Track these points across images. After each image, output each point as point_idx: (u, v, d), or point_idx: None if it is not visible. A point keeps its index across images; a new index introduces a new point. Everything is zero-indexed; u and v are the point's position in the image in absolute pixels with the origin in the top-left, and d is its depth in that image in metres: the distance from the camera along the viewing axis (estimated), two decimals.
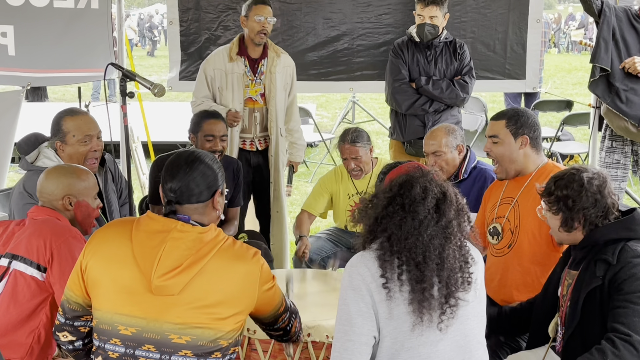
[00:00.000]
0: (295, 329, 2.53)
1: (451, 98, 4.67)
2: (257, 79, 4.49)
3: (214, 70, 4.47)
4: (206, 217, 2.29)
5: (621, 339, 2.32)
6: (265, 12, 4.38)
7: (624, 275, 2.41)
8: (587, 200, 2.54)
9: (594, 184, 2.55)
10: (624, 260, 2.44)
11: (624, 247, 2.47)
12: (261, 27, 4.36)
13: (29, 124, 5.21)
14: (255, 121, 4.54)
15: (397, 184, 2.21)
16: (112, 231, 2.28)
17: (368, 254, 2.17)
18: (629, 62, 4.38)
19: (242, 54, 4.47)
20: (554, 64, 19.24)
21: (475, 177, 3.93)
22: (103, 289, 2.19)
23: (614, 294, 2.42)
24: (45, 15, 4.74)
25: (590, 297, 2.49)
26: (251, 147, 4.60)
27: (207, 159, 2.31)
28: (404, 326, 2.10)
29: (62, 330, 2.36)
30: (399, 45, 4.79)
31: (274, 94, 4.50)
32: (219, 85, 4.47)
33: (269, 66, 4.48)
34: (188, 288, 2.14)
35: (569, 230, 2.60)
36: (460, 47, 4.75)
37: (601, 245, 2.53)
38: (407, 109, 4.70)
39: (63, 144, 3.39)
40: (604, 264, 2.48)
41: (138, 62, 20.69)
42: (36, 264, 2.70)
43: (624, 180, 4.68)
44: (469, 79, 4.72)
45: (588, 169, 2.61)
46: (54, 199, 2.86)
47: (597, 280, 2.47)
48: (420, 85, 4.66)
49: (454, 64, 4.72)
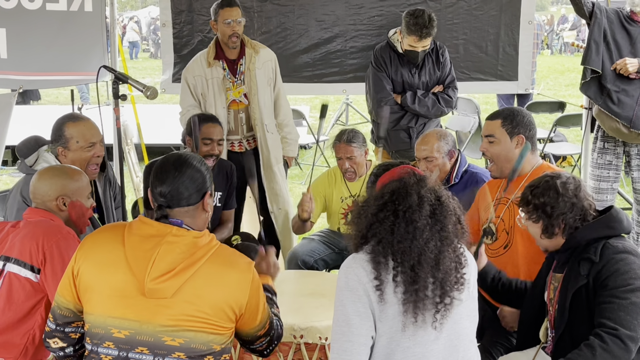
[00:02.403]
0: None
1: (436, 115, 4.72)
2: (238, 79, 4.44)
3: (194, 78, 4.44)
4: (197, 220, 2.29)
5: (609, 333, 2.36)
6: (233, 14, 4.31)
7: (608, 271, 2.46)
8: (564, 206, 2.58)
9: (569, 189, 2.59)
10: (607, 257, 2.49)
11: (605, 245, 2.52)
12: (231, 30, 4.31)
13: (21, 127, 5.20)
14: (242, 122, 4.50)
15: (389, 190, 2.20)
16: (103, 236, 2.28)
17: (363, 256, 2.17)
18: (620, 63, 4.39)
19: (219, 57, 4.43)
20: (546, 66, 19.24)
21: (466, 181, 3.93)
22: (96, 293, 2.19)
23: (599, 290, 2.47)
24: (38, 18, 4.73)
25: (576, 296, 2.53)
26: (240, 149, 4.55)
27: (195, 161, 2.31)
28: (399, 326, 2.11)
29: (52, 337, 2.35)
30: (381, 54, 4.74)
31: (255, 91, 4.44)
32: (201, 91, 4.43)
33: (247, 64, 4.43)
34: (181, 291, 2.14)
35: (550, 236, 2.64)
36: (442, 55, 4.72)
37: (583, 245, 2.57)
38: (393, 127, 4.67)
39: (65, 150, 3.37)
40: (588, 263, 2.52)
41: (142, 65, 20.74)
42: (30, 266, 2.70)
43: (616, 181, 4.70)
44: (452, 92, 4.71)
45: (561, 175, 2.65)
46: (47, 200, 2.86)
47: (583, 279, 2.51)
48: (406, 104, 4.64)
49: (437, 73, 4.71)
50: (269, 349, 2.44)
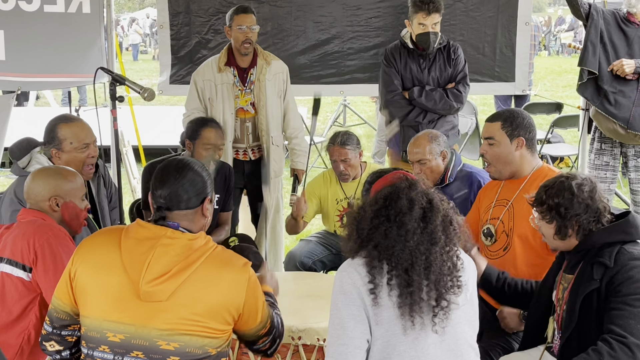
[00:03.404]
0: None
1: (445, 109, 4.57)
2: (247, 88, 4.43)
3: (203, 82, 4.44)
4: (195, 224, 2.29)
5: (617, 340, 2.33)
6: (248, 20, 4.32)
7: (621, 277, 2.42)
8: (579, 207, 2.54)
9: (585, 190, 2.55)
10: (621, 263, 2.45)
11: (621, 250, 2.48)
12: (245, 36, 4.31)
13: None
14: (247, 131, 4.49)
15: (382, 196, 2.23)
16: (100, 239, 2.29)
17: (358, 260, 2.18)
18: (616, 64, 4.40)
19: (230, 64, 4.43)
20: (544, 67, 19.26)
21: (461, 179, 3.92)
22: (91, 296, 2.19)
23: (610, 296, 2.43)
24: (36, 19, 4.72)
25: (587, 300, 2.50)
26: (244, 157, 4.55)
27: (197, 166, 2.32)
28: (395, 330, 2.11)
29: (49, 340, 2.35)
30: (392, 52, 4.67)
31: (264, 103, 4.43)
32: (209, 96, 4.43)
33: (257, 75, 4.43)
34: (176, 294, 2.14)
35: (563, 237, 2.60)
36: (455, 52, 4.63)
37: (597, 249, 2.53)
38: (401, 121, 4.59)
39: (59, 152, 3.37)
40: (602, 267, 2.48)
41: (140, 67, 20.68)
42: (22, 265, 2.71)
43: (613, 182, 4.70)
44: (463, 87, 4.60)
45: (577, 176, 2.61)
46: (40, 200, 2.86)
47: (595, 283, 2.48)
48: (413, 98, 4.55)
49: (448, 70, 4.62)
50: (272, 347, 2.43)
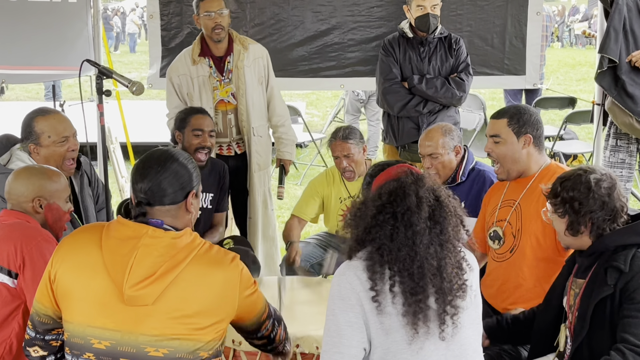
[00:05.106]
0: (280, 338, 2.45)
1: (447, 97, 4.51)
2: (226, 78, 4.29)
3: (178, 77, 4.31)
4: (179, 221, 2.21)
5: (632, 350, 2.29)
6: (214, 5, 4.16)
7: (637, 283, 2.38)
8: (594, 203, 2.49)
9: (602, 186, 2.50)
10: (637, 268, 2.40)
11: (636, 254, 2.43)
12: (214, 22, 4.16)
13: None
14: (230, 124, 4.34)
15: (387, 191, 2.16)
16: (80, 238, 2.21)
17: (357, 263, 2.12)
18: (636, 55, 4.29)
19: (205, 54, 4.28)
20: (557, 59, 19.15)
21: (473, 179, 3.84)
22: (74, 300, 2.14)
23: (625, 302, 2.39)
24: (20, 9, 4.69)
25: (599, 306, 2.45)
26: (229, 152, 4.41)
27: (182, 157, 2.23)
28: (397, 337, 2.06)
29: (32, 345, 2.30)
30: (390, 41, 4.64)
31: (244, 91, 4.28)
32: (186, 91, 4.30)
33: (235, 62, 4.27)
34: (163, 297, 2.08)
35: (575, 234, 2.55)
36: (456, 43, 4.60)
37: (610, 251, 2.48)
38: (399, 111, 4.54)
39: (37, 147, 3.31)
40: (616, 272, 2.43)
41: (128, 59, 20.67)
42: (7, 270, 2.66)
43: (629, 180, 4.65)
44: (465, 76, 4.57)
45: (596, 170, 2.56)
46: (23, 200, 2.81)
47: (609, 288, 2.42)
48: (412, 85, 4.50)
49: (450, 60, 4.59)
50: (274, 331, 2.40)
